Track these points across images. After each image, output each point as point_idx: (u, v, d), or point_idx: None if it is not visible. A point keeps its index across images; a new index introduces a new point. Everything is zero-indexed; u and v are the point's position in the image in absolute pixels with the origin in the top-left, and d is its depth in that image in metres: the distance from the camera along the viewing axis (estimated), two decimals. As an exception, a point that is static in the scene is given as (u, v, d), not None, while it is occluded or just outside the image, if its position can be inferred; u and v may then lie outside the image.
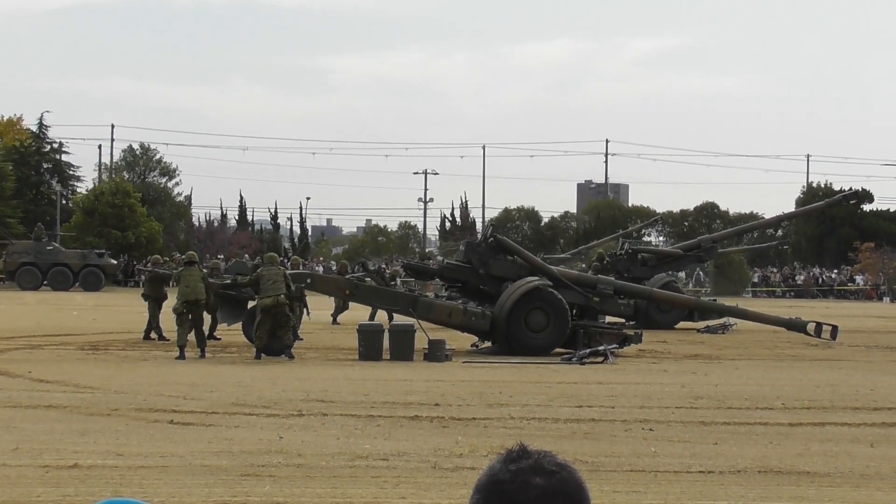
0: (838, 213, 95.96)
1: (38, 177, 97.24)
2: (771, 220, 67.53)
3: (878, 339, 37.22)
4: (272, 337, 26.33)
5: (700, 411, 17.73)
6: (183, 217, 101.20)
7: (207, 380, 21.37)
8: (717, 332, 39.08)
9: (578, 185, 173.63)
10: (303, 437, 14.46)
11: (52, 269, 70.28)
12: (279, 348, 26.52)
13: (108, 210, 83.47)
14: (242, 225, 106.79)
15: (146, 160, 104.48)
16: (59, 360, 25.11)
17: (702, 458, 13.24)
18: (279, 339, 26.21)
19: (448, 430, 15.23)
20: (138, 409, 16.87)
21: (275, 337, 26.49)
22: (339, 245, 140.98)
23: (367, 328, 26.86)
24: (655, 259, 46.82)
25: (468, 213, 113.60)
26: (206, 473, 11.86)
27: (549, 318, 28.87)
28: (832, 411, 18.02)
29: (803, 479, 12.20)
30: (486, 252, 31.28)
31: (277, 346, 26.63)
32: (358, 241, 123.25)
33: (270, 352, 26.61)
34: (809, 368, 26.33)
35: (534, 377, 22.99)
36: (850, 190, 54.17)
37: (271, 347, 26.68)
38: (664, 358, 28.76)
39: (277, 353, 26.42)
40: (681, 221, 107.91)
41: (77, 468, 11.98)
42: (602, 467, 12.56)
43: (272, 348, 26.66)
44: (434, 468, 12.38)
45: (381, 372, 23.67)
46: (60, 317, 42.11)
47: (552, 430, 15.54)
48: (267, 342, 26.41)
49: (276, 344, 26.64)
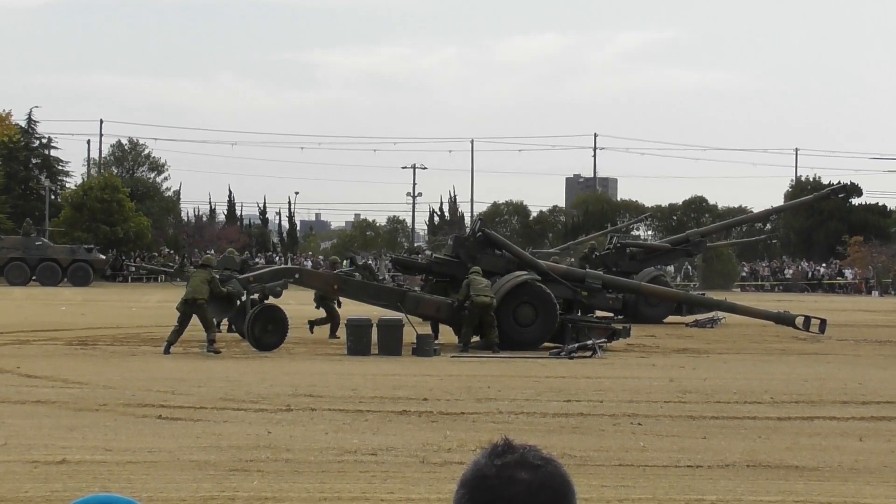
0: (827, 207, 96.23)
1: (26, 172, 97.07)
2: (759, 214, 67.63)
3: (866, 333, 37.27)
4: (266, 333, 26.87)
5: (688, 405, 17.75)
6: (172, 212, 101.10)
7: (196, 375, 21.35)
8: (706, 327, 39.14)
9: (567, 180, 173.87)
10: (291, 431, 14.45)
11: (41, 265, 70.20)
12: (271, 343, 26.88)
13: (97, 205, 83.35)
14: (231, 220, 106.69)
15: (135, 155, 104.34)
16: (48, 356, 25.06)
17: (690, 453, 13.25)
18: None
19: (436, 425, 15.23)
20: (127, 405, 16.85)
21: (266, 332, 27.02)
22: (328, 240, 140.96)
23: (355, 322, 26.86)
24: (644, 253, 46.85)
25: (457, 207, 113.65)
26: (195, 468, 11.84)
27: (537, 312, 28.90)
28: (820, 405, 18.05)
29: (792, 473, 12.22)
30: (474, 246, 31.27)
31: (270, 340, 26.93)
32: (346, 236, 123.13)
33: (264, 348, 26.82)
34: (798, 362, 26.37)
35: (522, 371, 22.99)
36: (839, 184, 54.11)
37: (264, 343, 26.87)
38: (653, 352, 28.79)
39: (269, 348, 26.72)
40: (669, 215, 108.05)
41: (65, 463, 11.95)
42: (590, 461, 12.57)
43: (265, 344, 26.85)
44: (422, 463, 12.37)
45: (370, 367, 23.67)
46: (49, 312, 42.03)
47: (540, 424, 15.55)
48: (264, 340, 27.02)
49: (269, 339, 26.95)
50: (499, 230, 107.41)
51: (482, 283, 28.20)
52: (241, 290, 27.34)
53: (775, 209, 65.25)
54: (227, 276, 27.35)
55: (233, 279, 27.25)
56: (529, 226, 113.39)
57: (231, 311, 27.82)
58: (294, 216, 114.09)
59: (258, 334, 27.13)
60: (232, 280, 27.20)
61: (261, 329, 27.18)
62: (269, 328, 27.28)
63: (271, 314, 27.47)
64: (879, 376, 23.26)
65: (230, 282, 27.12)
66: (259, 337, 27.12)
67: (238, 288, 27.27)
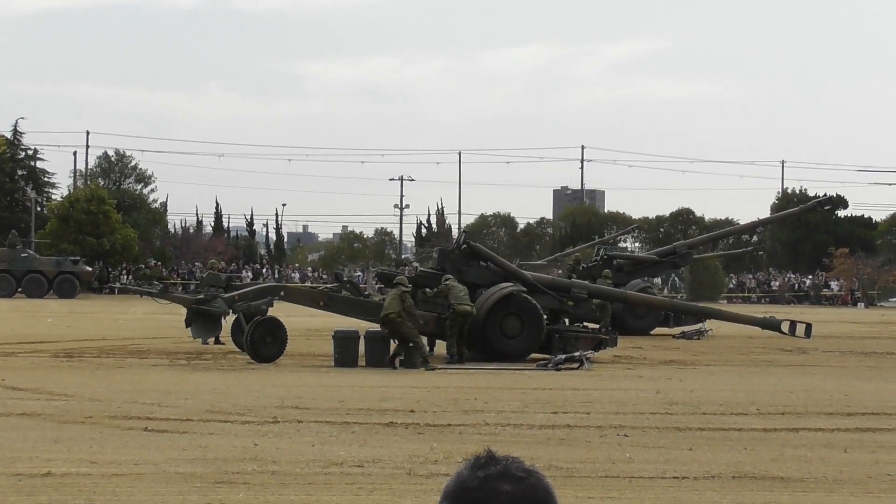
0: (813, 219, 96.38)
1: (12, 184, 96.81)
2: (746, 226, 67.80)
3: (851, 345, 37.36)
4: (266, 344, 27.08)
5: (675, 417, 17.76)
6: (158, 224, 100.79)
7: (182, 387, 21.31)
8: (693, 338, 39.21)
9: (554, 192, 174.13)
10: (278, 444, 14.43)
11: (27, 276, 70.00)
12: (270, 355, 27.11)
13: (84, 217, 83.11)
14: (218, 231, 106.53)
15: (121, 167, 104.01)
16: (33, 368, 24.99)
17: (676, 464, 13.26)
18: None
19: (423, 437, 15.22)
20: (112, 417, 16.81)
21: (265, 344, 27.17)
22: (315, 251, 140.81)
23: (342, 335, 26.84)
24: (631, 265, 46.89)
25: (444, 219, 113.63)
26: (181, 481, 11.82)
27: (523, 323, 28.93)
28: (806, 417, 18.08)
29: (777, 484, 12.23)
30: (459, 259, 31.21)
31: (269, 352, 27.16)
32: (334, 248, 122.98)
33: (263, 359, 27.01)
34: (784, 374, 26.42)
35: (509, 383, 22.99)
36: (825, 196, 54.20)
37: (263, 355, 26.98)
38: (639, 364, 28.81)
39: (268, 359, 26.95)
40: (656, 227, 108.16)
41: (50, 476, 11.92)
42: (577, 473, 12.57)
43: (264, 356, 26.96)
44: (409, 475, 12.37)
45: (357, 378, 23.65)
46: (35, 324, 41.92)
47: (527, 436, 15.54)
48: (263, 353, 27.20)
49: (268, 351, 27.15)
50: (486, 242, 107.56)
51: (462, 291, 28.31)
52: (226, 310, 27.24)
53: (762, 221, 65.42)
54: (211, 296, 27.28)
55: (218, 298, 27.18)
56: (517, 238, 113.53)
57: (217, 331, 27.66)
58: (281, 228, 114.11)
59: (257, 346, 27.29)
60: (217, 300, 27.13)
61: (260, 341, 27.33)
62: (267, 340, 27.46)
63: (270, 326, 27.60)
64: (865, 388, 23.30)
65: (215, 301, 27.05)
66: (258, 349, 27.29)
67: (223, 307, 27.16)
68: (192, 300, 27.96)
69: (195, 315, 27.73)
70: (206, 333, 27.16)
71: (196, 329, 27.11)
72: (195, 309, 27.98)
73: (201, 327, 27.13)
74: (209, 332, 27.21)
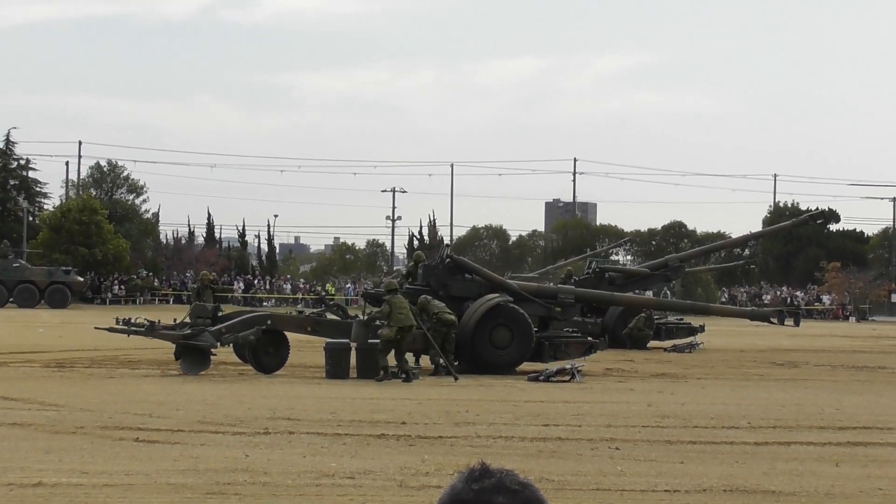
0: (805, 233, 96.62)
1: (4, 193, 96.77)
2: (738, 240, 67.82)
3: (843, 359, 37.39)
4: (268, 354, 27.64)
5: (666, 430, 17.76)
6: (150, 234, 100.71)
7: (173, 398, 21.28)
8: (684, 351, 39.24)
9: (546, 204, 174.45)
10: (269, 455, 14.42)
11: (19, 286, 69.97)
12: (272, 365, 27.47)
13: (75, 227, 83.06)
14: (210, 242, 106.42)
15: (114, 177, 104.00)
16: (25, 378, 24.95)
17: (668, 477, 13.26)
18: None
19: (414, 449, 15.21)
20: (104, 427, 16.78)
21: (268, 354, 27.60)
22: (307, 263, 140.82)
23: (333, 346, 26.81)
24: (623, 278, 46.87)
25: (436, 231, 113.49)
26: (172, 492, 11.80)
27: (513, 333, 28.95)
28: (798, 430, 18.09)
29: (768, 498, 12.24)
30: (443, 273, 31.13)
31: (271, 363, 27.53)
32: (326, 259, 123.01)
33: (265, 370, 27.27)
34: (775, 387, 26.43)
35: (500, 395, 22.98)
36: (817, 210, 54.23)
37: (265, 365, 27.11)
38: (631, 377, 28.81)
39: (270, 370, 27.24)
40: (648, 240, 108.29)
41: (41, 486, 11.90)
42: (568, 486, 12.56)
43: (266, 366, 27.30)
44: (400, 487, 12.36)
45: (348, 390, 23.63)
46: (26, 334, 41.85)
47: (518, 448, 15.54)
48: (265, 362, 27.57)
49: (270, 361, 27.51)
50: (478, 254, 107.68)
51: (440, 304, 28.58)
52: (214, 343, 27.09)
53: (754, 235, 65.47)
54: (198, 330, 27.20)
55: (205, 332, 27.10)
56: (509, 250, 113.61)
57: (206, 365, 27.40)
58: (273, 239, 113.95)
59: (259, 357, 27.50)
60: (204, 333, 27.04)
61: (262, 351, 27.48)
62: (269, 350, 27.67)
63: (272, 337, 27.68)
64: (856, 402, 23.32)
65: (202, 335, 26.99)
66: (260, 359, 27.49)
67: (211, 341, 27.02)
68: (180, 335, 27.61)
69: (183, 350, 27.52)
70: (196, 367, 26.90)
71: (186, 364, 26.92)
72: (182, 344, 27.67)
73: (191, 362, 26.98)
74: (199, 366, 26.97)
